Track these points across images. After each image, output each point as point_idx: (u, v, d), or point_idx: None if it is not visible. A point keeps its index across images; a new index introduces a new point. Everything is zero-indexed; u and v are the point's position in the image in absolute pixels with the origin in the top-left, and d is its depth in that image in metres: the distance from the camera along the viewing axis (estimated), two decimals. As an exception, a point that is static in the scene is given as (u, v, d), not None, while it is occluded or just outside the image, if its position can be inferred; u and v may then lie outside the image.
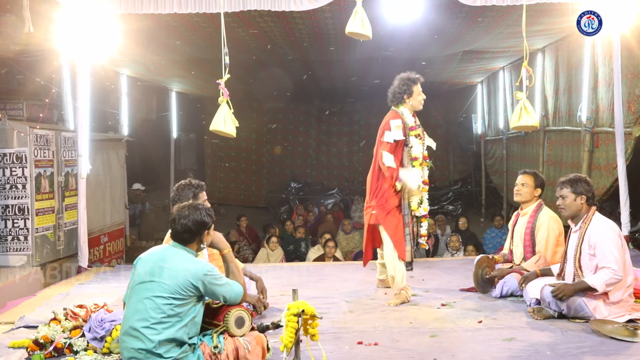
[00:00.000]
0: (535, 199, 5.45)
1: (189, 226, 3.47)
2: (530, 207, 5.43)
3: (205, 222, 3.53)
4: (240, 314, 3.58)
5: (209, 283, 3.37)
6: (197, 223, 3.49)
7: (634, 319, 4.38)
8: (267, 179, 18.36)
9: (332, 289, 5.85)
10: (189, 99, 15.81)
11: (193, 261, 3.44)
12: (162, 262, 3.40)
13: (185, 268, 3.36)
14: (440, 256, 9.21)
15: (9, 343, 4.29)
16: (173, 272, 3.34)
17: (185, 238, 3.50)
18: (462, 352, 3.96)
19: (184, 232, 3.48)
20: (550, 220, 5.31)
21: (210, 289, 3.39)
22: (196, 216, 3.49)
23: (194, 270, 3.35)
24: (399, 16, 6.50)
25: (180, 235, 3.50)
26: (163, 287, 3.30)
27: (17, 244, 6.92)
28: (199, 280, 3.34)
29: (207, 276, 3.36)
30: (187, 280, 3.32)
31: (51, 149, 7.36)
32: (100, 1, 5.94)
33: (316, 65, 11.66)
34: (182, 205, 3.58)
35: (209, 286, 3.38)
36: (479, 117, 14.84)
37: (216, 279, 3.41)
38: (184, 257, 3.45)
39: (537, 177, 5.48)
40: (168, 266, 3.37)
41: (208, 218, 3.55)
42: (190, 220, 3.47)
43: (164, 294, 3.29)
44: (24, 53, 7.55)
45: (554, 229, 5.28)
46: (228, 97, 5.84)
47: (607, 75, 7.39)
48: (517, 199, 5.57)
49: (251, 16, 7.14)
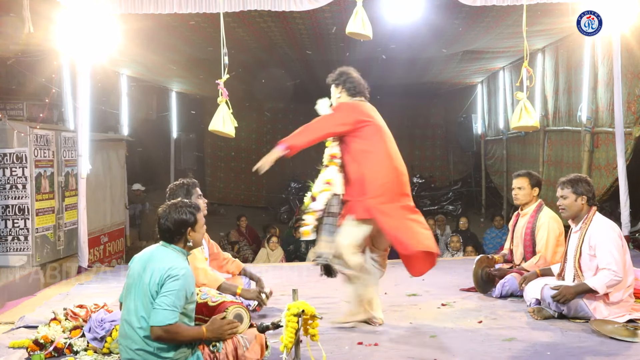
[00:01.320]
0: (534, 199, 5.43)
1: (168, 226, 3.42)
2: (530, 208, 5.43)
3: (185, 220, 3.43)
4: (238, 310, 3.58)
5: (164, 284, 3.24)
6: (177, 222, 3.42)
7: (634, 319, 4.38)
8: (267, 179, 18.29)
9: (332, 289, 5.85)
10: (189, 99, 15.81)
11: (173, 260, 3.35)
12: (148, 263, 3.37)
13: (162, 266, 3.30)
14: (440, 256, 9.19)
15: (9, 343, 4.28)
16: (155, 271, 3.29)
17: (168, 237, 3.45)
18: (462, 352, 3.96)
19: (165, 231, 3.44)
20: (550, 220, 5.30)
21: (161, 290, 3.23)
22: (175, 215, 3.42)
23: (165, 268, 3.28)
24: (399, 16, 6.50)
25: (164, 235, 3.46)
26: (148, 287, 3.28)
27: (17, 244, 6.92)
28: (164, 278, 3.26)
29: (168, 277, 3.25)
30: (159, 276, 3.27)
31: (51, 149, 7.36)
32: (100, 1, 5.94)
33: (316, 65, 11.66)
34: (164, 205, 3.52)
35: (162, 288, 3.23)
36: (479, 117, 14.83)
37: (170, 286, 3.22)
38: (169, 256, 3.38)
39: (531, 177, 5.44)
40: (152, 266, 3.33)
41: (189, 215, 3.44)
42: (169, 219, 3.41)
43: (148, 292, 3.27)
44: (24, 53, 7.55)
45: (554, 229, 5.28)
46: (227, 97, 5.84)
47: (607, 75, 7.39)
48: (516, 203, 5.58)
49: (251, 16, 7.14)
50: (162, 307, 3.19)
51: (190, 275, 3.34)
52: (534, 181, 5.43)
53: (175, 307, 3.21)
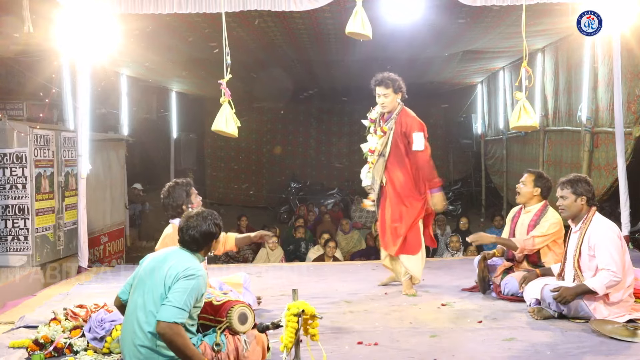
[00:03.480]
0: (535, 198, 5.38)
1: (196, 237, 3.48)
2: (535, 206, 5.33)
3: (213, 233, 3.53)
4: (243, 310, 3.58)
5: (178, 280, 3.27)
6: (205, 235, 3.50)
7: (634, 319, 4.38)
8: (267, 179, 18.35)
9: (332, 289, 5.85)
10: (189, 99, 15.81)
11: (192, 261, 3.41)
12: (164, 261, 3.41)
13: (181, 264, 3.34)
14: (440, 256, 9.20)
15: (9, 343, 4.28)
16: (171, 268, 3.32)
17: (193, 249, 3.51)
18: (462, 352, 3.96)
19: (191, 242, 3.49)
20: (554, 220, 5.24)
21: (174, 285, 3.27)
22: (203, 228, 3.48)
23: (183, 266, 3.32)
24: (399, 16, 6.50)
25: (190, 246, 3.50)
26: (163, 282, 3.30)
27: (17, 244, 6.92)
28: (181, 274, 3.28)
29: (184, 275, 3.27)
30: (177, 271, 3.30)
31: (51, 149, 7.36)
32: (100, 1, 5.93)
33: (316, 65, 11.67)
34: (190, 215, 3.56)
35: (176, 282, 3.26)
36: (479, 117, 14.84)
37: (184, 284, 3.25)
38: (188, 257, 3.45)
39: (538, 177, 5.36)
40: (168, 263, 3.37)
41: (215, 228, 3.54)
42: (197, 232, 3.47)
43: (161, 287, 3.29)
44: (24, 53, 7.55)
45: (554, 225, 5.21)
46: (230, 97, 5.84)
47: (607, 75, 7.39)
48: (517, 199, 5.53)
49: (251, 16, 7.14)
50: (173, 304, 3.22)
51: (204, 278, 3.39)
52: (538, 182, 5.34)
53: (186, 306, 3.24)
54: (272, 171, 18.39)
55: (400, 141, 5.52)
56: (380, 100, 5.55)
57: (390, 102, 5.55)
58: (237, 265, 8.22)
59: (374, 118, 5.74)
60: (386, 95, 5.52)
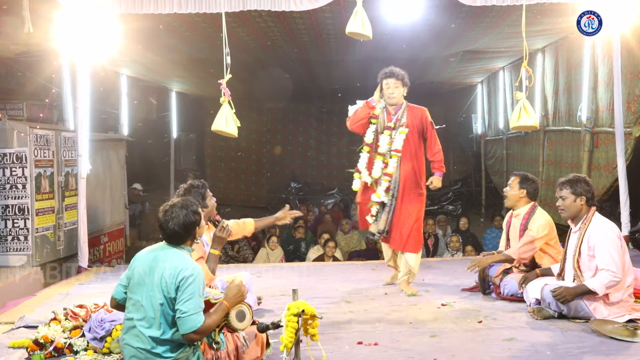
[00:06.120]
0: (523, 200, 5.38)
1: (177, 230, 3.40)
2: (523, 209, 5.36)
3: (193, 222, 3.45)
4: (241, 307, 3.57)
5: (179, 287, 3.25)
6: (185, 225, 3.42)
7: (634, 319, 4.38)
8: (267, 179, 18.35)
9: (332, 289, 5.86)
10: (189, 99, 15.81)
11: (182, 260, 3.35)
12: (155, 262, 3.36)
13: (173, 267, 3.30)
14: (440, 256, 9.21)
15: (9, 343, 4.29)
16: (165, 271, 3.29)
17: (178, 242, 3.45)
18: (462, 352, 3.96)
19: (173, 236, 3.42)
20: (542, 221, 5.23)
21: (179, 295, 3.25)
22: (183, 219, 3.40)
23: (176, 270, 3.28)
24: (399, 16, 6.50)
25: (172, 239, 3.44)
26: (160, 289, 3.28)
27: (17, 244, 6.92)
28: (178, 281, 3.26)
29: (183, 281, 3.25)
30: (173, 278, 3.27)
31: (51, 149, 7.36)
32: (100, 1, 5.94)
33: (316, 65, 11.66)
34: (165, 208, 3.45)
35: (179, 292, 3.25)
36: (479, 117, 14.83)
37: (189, 290, 3.23)
38: (177, 255, 3.38)
39: (523, 179, 5.39)
40: (160, 266, 3.32)
41: (195, 216, 3.46)
42: (176, 224, 3.39)
43: (158, 294, 3.27)
44: (24, 53, 7.55)
45: (544, 227, 5.21)
46: (230, 97, 5.84)
47: (607, 75, 7.39)
48: (505, 203, 5.62)
49: (251, 16, 7.14)
50: (189, 314, 3.20)
51: (200, 271, 3.35)
52: (523, 184, 5.37)
53: (199, 307, 3.25)
54: (272, 171, 18.39)
55: (414, 135, 5.65)
56: (390, 91, 5.62)
57: (399, 94, 5.65)
58: (237, 265, 8.24)
59: (377, 114, 5.75)
60: (397, 86, 5.62)
